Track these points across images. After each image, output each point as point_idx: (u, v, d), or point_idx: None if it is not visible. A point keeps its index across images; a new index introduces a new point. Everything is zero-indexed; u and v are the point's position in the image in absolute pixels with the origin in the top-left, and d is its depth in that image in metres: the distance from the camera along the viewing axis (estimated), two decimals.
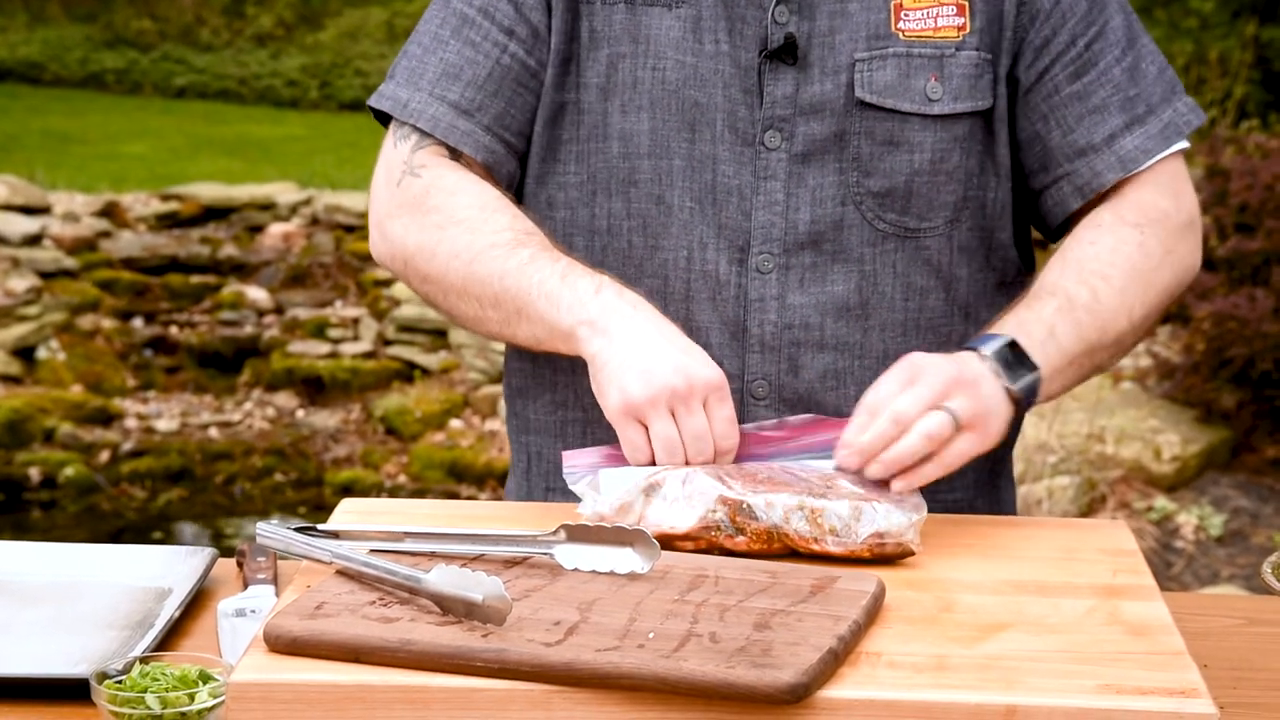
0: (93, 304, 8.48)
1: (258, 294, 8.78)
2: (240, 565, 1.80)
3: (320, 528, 1.58)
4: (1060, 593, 1.53)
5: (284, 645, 1.37)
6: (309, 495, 7.37)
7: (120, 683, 1.43)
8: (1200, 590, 5.00)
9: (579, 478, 1.73)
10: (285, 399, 8.17)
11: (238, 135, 12.52)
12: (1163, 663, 1.38)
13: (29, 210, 8.86)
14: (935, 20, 1.84)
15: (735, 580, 1.49)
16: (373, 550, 1.53)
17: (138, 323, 8.62)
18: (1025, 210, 1.97)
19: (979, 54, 1.85)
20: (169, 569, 1.76)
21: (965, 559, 1.61)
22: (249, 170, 10.73)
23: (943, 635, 1.43)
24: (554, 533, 1.52)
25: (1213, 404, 5.92)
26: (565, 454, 1.78)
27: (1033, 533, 1.70)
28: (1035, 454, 5.65)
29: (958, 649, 1.40)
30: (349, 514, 1.70)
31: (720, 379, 1.71)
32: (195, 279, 8.87)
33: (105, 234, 9.01)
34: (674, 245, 1.87)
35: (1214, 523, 5.51)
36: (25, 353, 8.01)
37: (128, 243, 8.99)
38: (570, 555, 1.51)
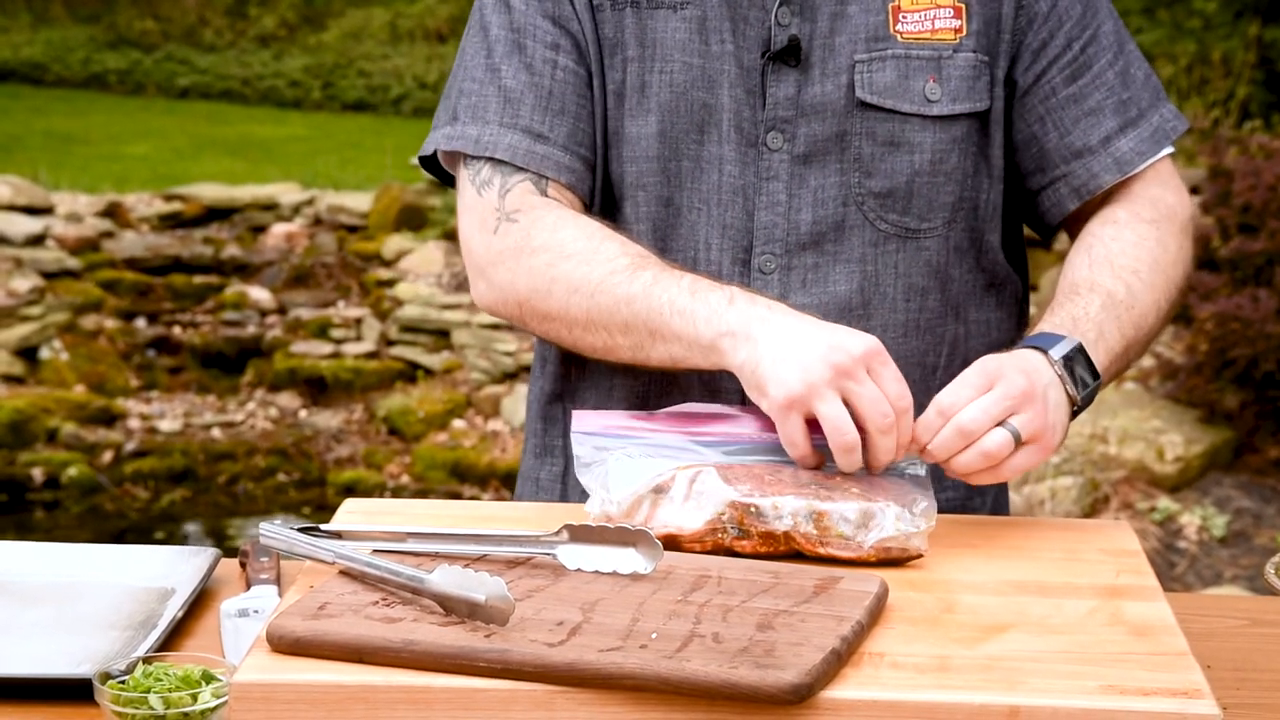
0: (96, 304, 8.49)
1: (260, 294, 8.78)
2: (243, 565, 1.80)
3: (323, 528, 1.58)
4: (1063, 593, 1.53)
5: (287, 645, 1.37)
6: (312, 495, 7.37)
7: (123, 683, 1.43)
8: (1203, 591, 5.00)
9: (586, 450, 1.72)
10: (288, 399, 8.17)
11: (240, 135, 12.53)
12: (1166, 663, 1.38)
13: (32, 210, 8.87)
14: (933, 22, 1.85)
15: (738, 581, 1.49)
16: (375, 550, 1.53)
17: (141, 323, 8.63)
18: (1018, 211, 1.98)
19: (976, 56, 1.86)
20: (172, 569, 1.76)
21: (968, 559, 1.61)
22: (252, 170, 10.74)
23: (945, 636, 1.43)
24: (557, 533, 1.52)
25: (1216, 404, 5.91)
26: (575, 413, 1.78)
27: (1035, 533, 1.70)
28: None
29: (960, 649, 1.40)
30: (352, 514, 1.70)
31: (876, 344, 1.67)
32: (198, 279, 8.88)
33: (108, 234, 9.03)
34: (681, 246, 1.87)
35: (1217, 523, 5.50)
36: (28, 353, 8.02)
37: (131, 243, 9.00)
38: (573, 556, 1.51)
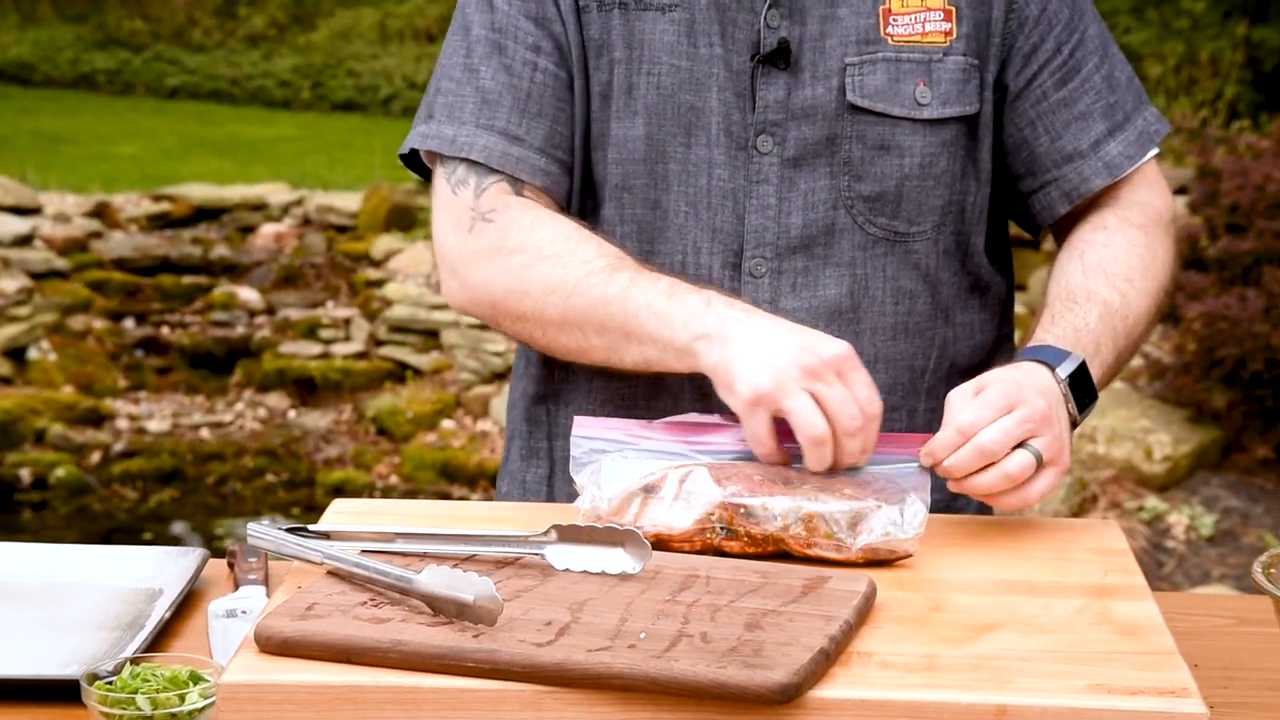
0: (84, 304, 8.48)
1: (249, 294, 8.77)
2: (231, 566, 1.80)
3: (311, 528, 1.58)
4: (1051, 592, 1.53)
5: (275, 646, 1.37)
6: (300, 496, 7.36)
7: (111, 684, 1.43)
8: (1191, 590, 5.01)
9: (582, 452, 1.72)
10: (277, 399, 8.16)
11: (229, 136, 12.52)
12: (1153, 662, 1.38)
13: (20, 211, 8.86)
14: (923, 26, 1.85)
15: (726, 580, 1.49)
16: (364, 551, 1.53)
17: (129, 323, 8.62)
18: (1006, 213, 1.99)
19: (966, 59, 1.86)
20: (160, 570, 1.76)
21: (956, 559, 1.62)
22: (240, 171, 10.73)
23: (934, 635, 1.43)
24: (545, 533, 1.52)
25: (1204, 404, 5.92)
26: (578, 419, 1.77)
27: (1023, 533, 1.71)
28: None
29: (949, 649, 1.40)
30: (340, 514, 1.70)
31: (847, 349, 1.67)
32: (187, 279, 8.86)
33: (96, 234, 9.01)
34: (669, 250, 1.87)
35: (1205, 522, 5.51)
36: (16, 353, 8.00)
37: (119, 243, 8.98)
38: (561, 556, 1.51)
